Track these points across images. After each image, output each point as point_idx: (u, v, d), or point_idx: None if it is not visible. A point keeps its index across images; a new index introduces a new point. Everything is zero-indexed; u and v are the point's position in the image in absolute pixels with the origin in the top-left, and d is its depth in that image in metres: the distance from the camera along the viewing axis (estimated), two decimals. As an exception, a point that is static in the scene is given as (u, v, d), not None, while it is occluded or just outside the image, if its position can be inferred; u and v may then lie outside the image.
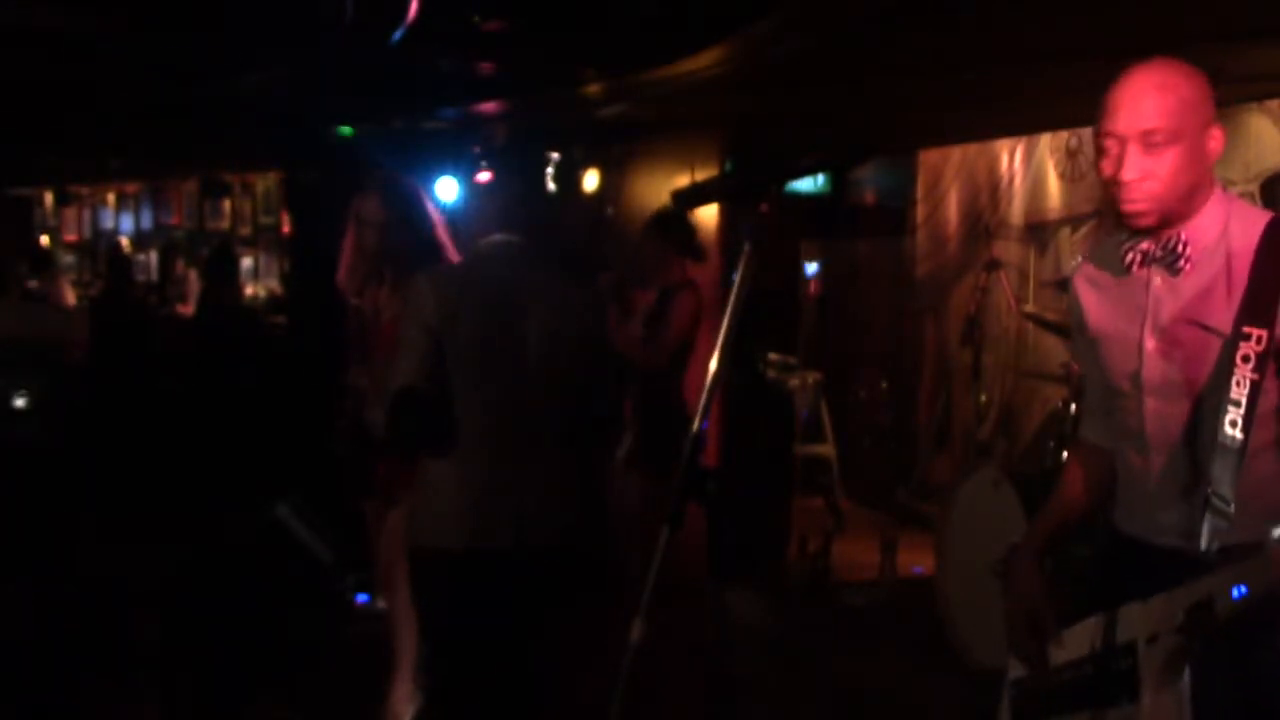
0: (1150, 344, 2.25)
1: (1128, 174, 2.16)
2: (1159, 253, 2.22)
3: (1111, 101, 2.18)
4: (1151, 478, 2.28)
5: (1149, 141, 2.14)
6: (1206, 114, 2.18)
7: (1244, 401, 2.11)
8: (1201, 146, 2.17)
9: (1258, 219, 2.19)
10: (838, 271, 8.61)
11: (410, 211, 3.96)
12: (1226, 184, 5.37)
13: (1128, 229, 2.27)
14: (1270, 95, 5.19)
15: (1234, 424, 2.11)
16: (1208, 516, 2.10)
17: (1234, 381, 2.11)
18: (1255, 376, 2.10)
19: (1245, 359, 2.11)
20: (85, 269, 15.05)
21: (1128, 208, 2.20)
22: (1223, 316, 2.16)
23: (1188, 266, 2.20)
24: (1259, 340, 2.11)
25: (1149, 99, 2.15)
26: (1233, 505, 2.09)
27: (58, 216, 16.04)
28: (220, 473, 6.39)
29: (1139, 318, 2.26)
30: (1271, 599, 1.96)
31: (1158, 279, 2.24)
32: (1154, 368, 2.24)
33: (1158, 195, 2.17)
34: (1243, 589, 1.97)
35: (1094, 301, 2.37)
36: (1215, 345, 2.17)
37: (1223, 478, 2.10)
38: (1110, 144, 2.18)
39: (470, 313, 3.10)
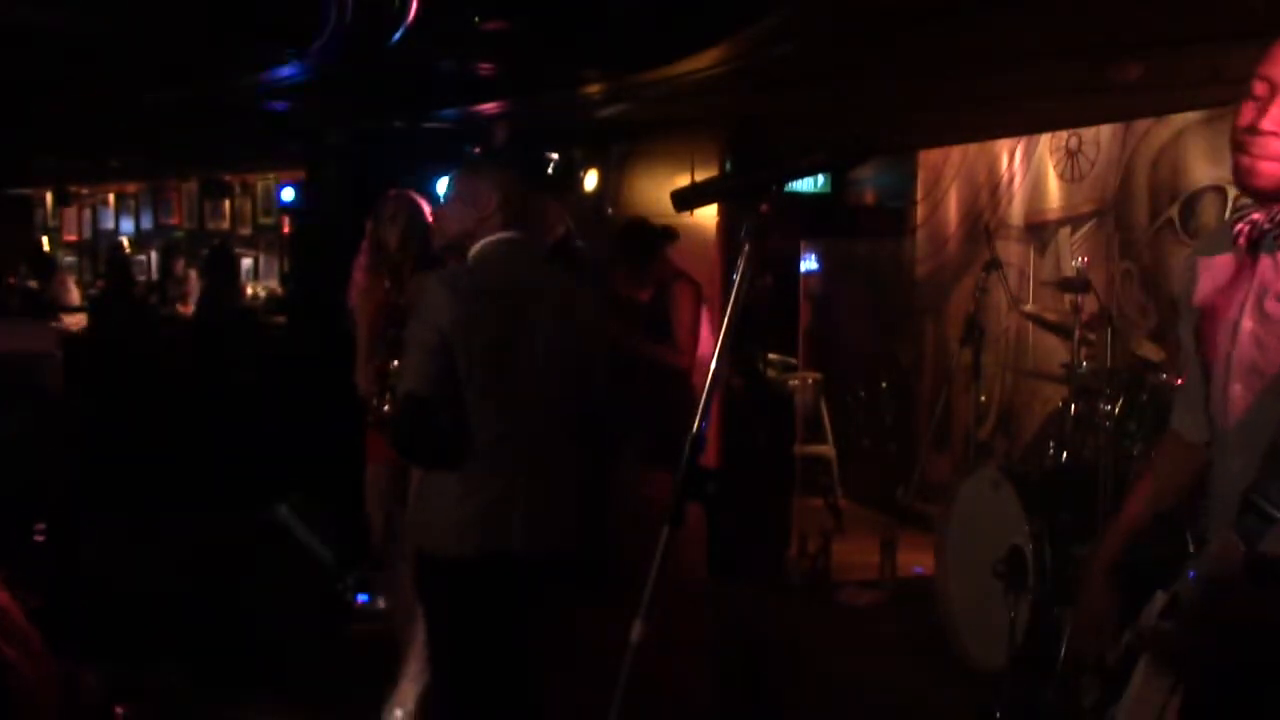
0: (1247, 324, 2.02)
1: (1268, 123, 1.95)
2: (1267, 225, 2.01)
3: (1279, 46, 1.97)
4: (1232, 480, 2.01)
5: None
6: None
7: None
8: None
9: None
10: (838, 272, 8.61)
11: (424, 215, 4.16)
12: (1225, 184, 5.41)
13: (1245, 190, 2.05)
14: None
15: None
16: (1246, 520, 1.85)
17: None
18: None
19: None
20: (85, 269, 15.06)
21: (1251, 162, 1.98)
22: None
23: None
24: None
25: None
26: None
27: (58, 216, 16.03)
28: (220, 473, 6.39)
29: (1241, 296, 2.05)
30: (1221, 586, 1.84)
31: (1265, 255, 2.02)
32: (1245, 351, 2.01)
33: None
34: (1192, 573, 1.90)
35: (1203, 279, 2.14)
36: None
37: (1272, 481, 1.85)
38: (1261, 88, 1.97)
39: (483, 315, 3.04)
